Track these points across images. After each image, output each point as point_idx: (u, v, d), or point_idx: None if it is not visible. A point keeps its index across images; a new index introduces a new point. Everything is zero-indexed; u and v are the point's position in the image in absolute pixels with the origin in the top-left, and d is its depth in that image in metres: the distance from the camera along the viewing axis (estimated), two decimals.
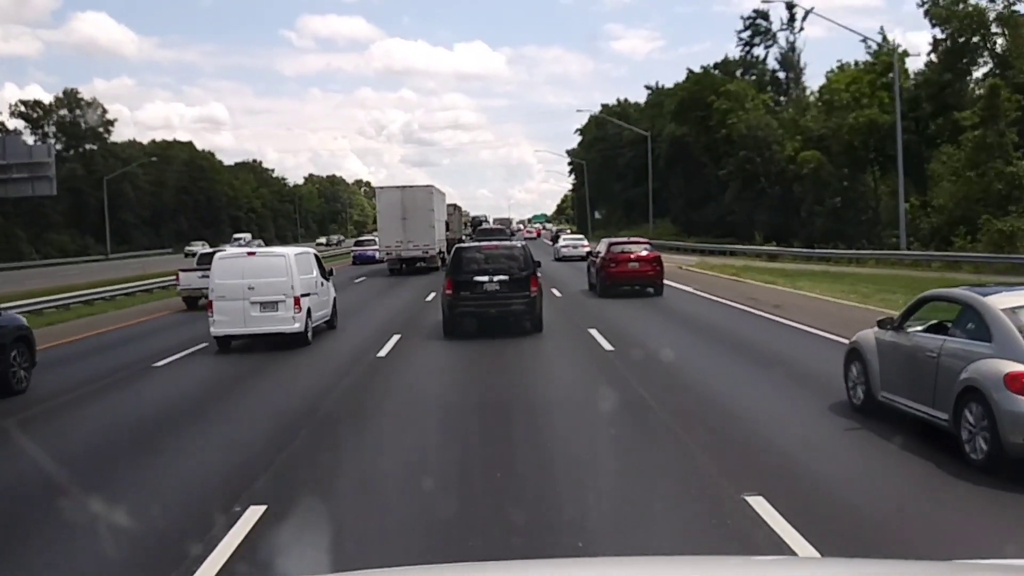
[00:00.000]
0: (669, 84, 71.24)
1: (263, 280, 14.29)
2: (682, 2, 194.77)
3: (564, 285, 25.19)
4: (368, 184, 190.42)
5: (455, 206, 49.96)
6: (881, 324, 8.29)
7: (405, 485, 7.00)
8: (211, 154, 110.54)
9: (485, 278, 15.09)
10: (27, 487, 7.27)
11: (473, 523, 5.95)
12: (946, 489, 6.40)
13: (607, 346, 13.68)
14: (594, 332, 14.93)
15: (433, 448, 8.16)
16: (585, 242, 42.17)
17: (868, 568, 2.51)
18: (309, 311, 14.84)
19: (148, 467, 7.80)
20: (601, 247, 23.85)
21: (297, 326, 14.35)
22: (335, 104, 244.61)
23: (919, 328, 7.84)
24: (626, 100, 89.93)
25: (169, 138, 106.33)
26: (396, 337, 15.09)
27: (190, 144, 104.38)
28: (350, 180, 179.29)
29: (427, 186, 36.11)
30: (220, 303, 14.19)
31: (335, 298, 17.32)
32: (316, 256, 16.73)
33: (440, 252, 34.26)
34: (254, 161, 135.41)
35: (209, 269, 15.49)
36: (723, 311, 18.83)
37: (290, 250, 16.01)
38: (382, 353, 13.62)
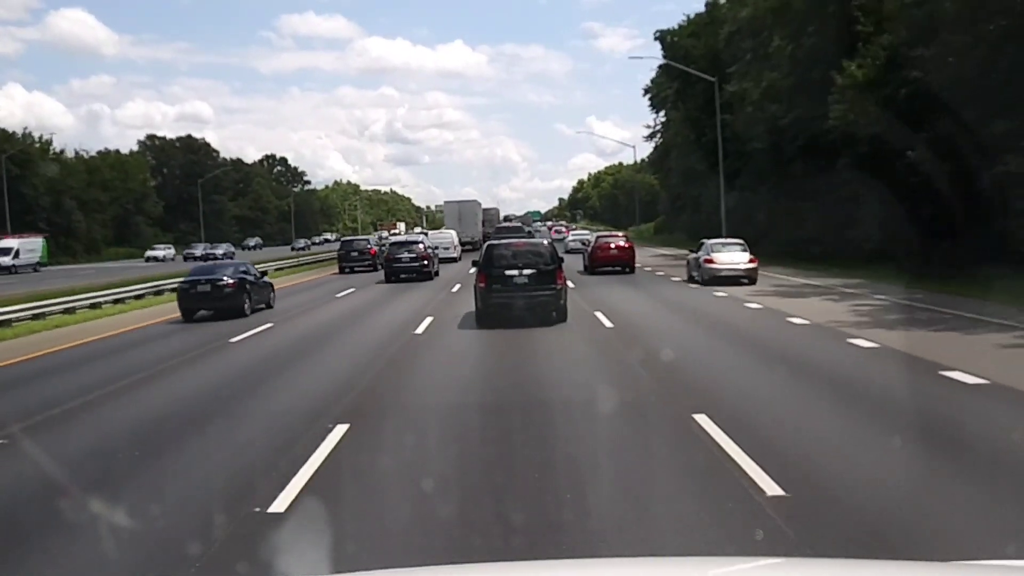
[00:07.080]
0: None
1: (443, 239, 43.38)
2: (659, 0, 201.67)
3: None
4: (284, 160, 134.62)
5: (496, 209, 76.22)
6: (691, 250, 26.14)
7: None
8: None
9: (515, 272, 16.51)
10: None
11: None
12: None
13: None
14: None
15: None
16: (590, 236, 47.54)
17: (868, 568, 2.58)
18: (458, 250, 43.87)
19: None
20: (591, 238, 36.41)
21: (455, 255, 42.09)
22: (315, 103, 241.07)
23: (698, 252, 25.50)
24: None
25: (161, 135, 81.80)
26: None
27: None
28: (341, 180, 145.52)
29: (474, 200, 63.87)
30: (437, 249, 36.05)
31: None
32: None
33: (480, 240, 56.79)
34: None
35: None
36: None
37: (452, 232, 48.49)
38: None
